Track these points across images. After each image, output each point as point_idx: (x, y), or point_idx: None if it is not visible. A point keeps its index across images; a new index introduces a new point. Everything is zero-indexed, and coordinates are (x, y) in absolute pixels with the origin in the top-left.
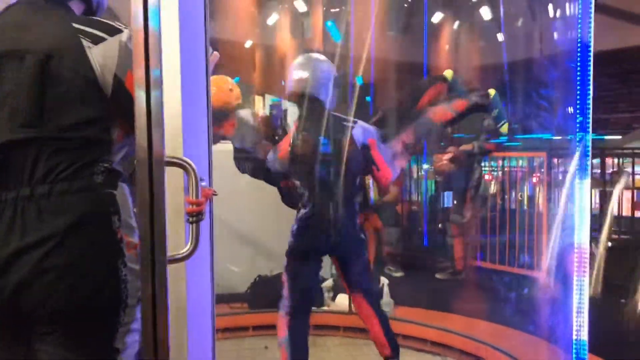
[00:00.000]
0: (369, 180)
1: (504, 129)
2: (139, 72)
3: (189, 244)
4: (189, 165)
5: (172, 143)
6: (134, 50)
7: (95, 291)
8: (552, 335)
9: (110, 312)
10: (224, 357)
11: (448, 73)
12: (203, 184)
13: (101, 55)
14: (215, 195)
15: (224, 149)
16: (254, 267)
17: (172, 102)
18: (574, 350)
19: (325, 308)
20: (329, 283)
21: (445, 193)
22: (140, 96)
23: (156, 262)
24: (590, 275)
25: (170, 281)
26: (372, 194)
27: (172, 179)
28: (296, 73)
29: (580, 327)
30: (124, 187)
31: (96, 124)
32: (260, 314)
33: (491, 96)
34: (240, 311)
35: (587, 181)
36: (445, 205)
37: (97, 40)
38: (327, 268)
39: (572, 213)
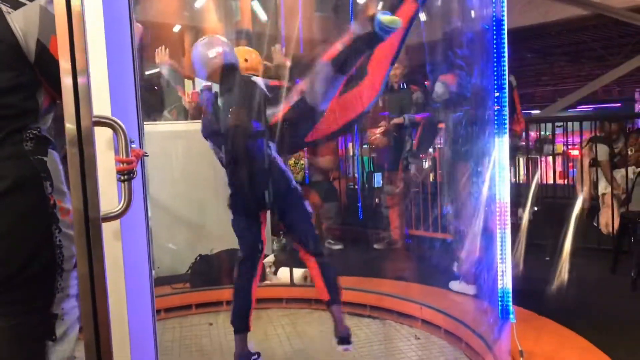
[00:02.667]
0: (304, 160)
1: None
2: (65, 50)
3: (122, 202)
4: (117, 124)
5: (101, 109)
6: (57, 27)
7: (30, 257)
8: (480, 291)
9: (46, 277)
10: (167, 336)
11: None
12: (133, 145)
13: (22, 21)
14: (146, 156)
15: (159, 130)
16: (193, 248)
17: (98, 66)
18: (499, 299)
19: (267, 282)
20: (270, 259)
21: (376, 174)
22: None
23: (90, 219)
24: (516, 239)
25: (105, 242)
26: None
27: (103, 143)
28: (212, 51)
29: (504, 273)
30: (54, 154)
31: (21, 90)
32: (203, 292)
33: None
34: (182, 290)
35: (506, 138)
36: (377, 185)
37: (16, 6)
38: (269, 244)
39: (493, 175)
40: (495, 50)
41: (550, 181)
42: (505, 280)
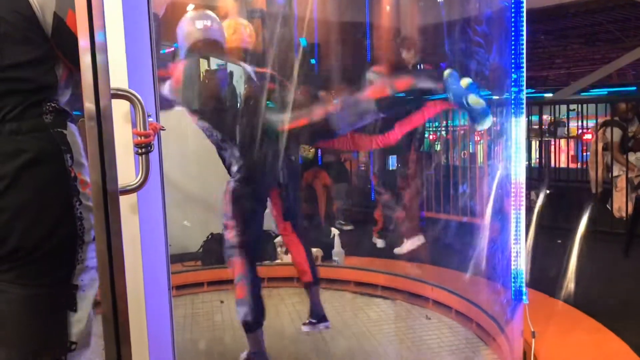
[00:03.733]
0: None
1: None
2: (83, 28)
3: (139, 175)
4: (135, 97)
5: (118, 83)
6: (76, 4)
7: (52, 229)
8: (493, 273)
9: (67, 248)
10: (180, 312)
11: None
12: (150, 119)
13: None
14: (163, 130)
15: (176, 108)
16: (205, 226)
17: (116, 41)
18: (512, 280)
19: (278, 261)
20: (281, 238)
21: (390, 156)
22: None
23: (108, 192)
24: (530, 220)
25: (122, 216)
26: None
27: (119, 116)
28: (199, 22)
29: (518, 255)
30: (73, 127)
31: (40, 64)
32: (215, 269)
33: (445, 77)
34: (194, 268)
35: (523, 118)
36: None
37: None
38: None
39: (509, 155)
40: (513, 30)
41: (564, 165)
42: (519, 262)
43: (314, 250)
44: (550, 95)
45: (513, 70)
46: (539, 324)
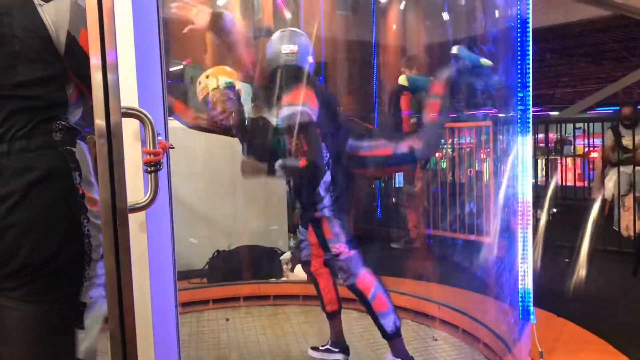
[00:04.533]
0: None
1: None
2: (95, 46)
3: (148, 193)
4: (145, 116)
5: (128, 102)
6: (88, 23)
7: (60, 246)
8: (500, 293)
9: (75, 266)
10: (185, 329)
11: (402, 79)
12: (159, 137)
13: (53, 13)
14: (172, 148)
15: (181, 126)
16: (211, 243)
17: (126, 60)
18: (519, 300)
19: (284, 279)
20: (287, 256)
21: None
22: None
23: (117, 210)
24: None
25: (131, 234)
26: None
27: (129, 135)
28: (285, 47)
29: (525, 274)
30: (82, 145)
31: (51, 82)
32: (220, 287)
33: (456, 53)
34: (199, 285)
35: (529, 137)
36: (398, 185)
37: None
38: (285, 241)
39: (516, 173)
40: (519, 50)
41: (570, 183)
42: (526, 281)
43: None
44: (556, 113)
45: (519, 88)
46: (547, 343)
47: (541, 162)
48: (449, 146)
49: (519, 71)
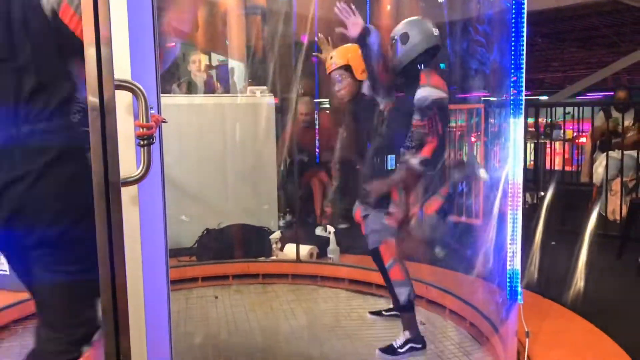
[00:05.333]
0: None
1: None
2: (89, 20)
3: (141, 166)
4: (138, 88)
5: (121, 75)
6: None
7: (76, 219)
8: (488, 273)
9: (91, 239)
10: (174, 307)
11: None
12: (152, 111)
13: None
14: (165, 122)
15: (176, 102)
16: (200, 221)
17: (119, 33)
18: (507, 280)
19: (274, 258)
20: (276, 235)
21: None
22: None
23: (110, 183)
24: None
25: (123, 207)
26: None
27: (122, 108)
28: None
29: (514, 255)
30: None
31: (56, 57)
32: (210, 265)
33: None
34: (189, 263)
35: (521, 119)
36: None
37: None
38: (275, 221)
39: (507, 156)
40: (514, 32)
41: (558, 167)
42: (515, 262)
43: (308, 247)
44: (545, 98)
45: (513, 71)
46: (533, 324)
47: (530, 146)
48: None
49: (512, 53)
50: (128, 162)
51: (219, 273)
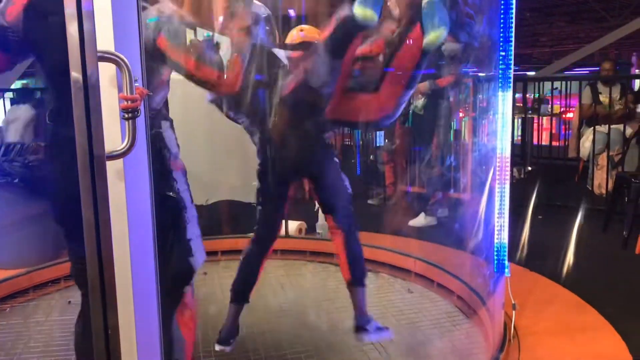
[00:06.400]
0: None
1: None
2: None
3: (126, 140)
4: (122, 60)
5: (104, 46)
6: None
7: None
8: (476, 249)
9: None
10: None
11: None
12: (137, 84)
13: None
14: (150, 95)
15: None
16: None
17: (102, 5)
18: (495, 253)
19: None
20: None
21: (376, 132)
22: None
23: (95, 157)
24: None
25: (109, 182)
26: None
27: (105, 80)
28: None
29: (502, 228)
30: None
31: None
32: None
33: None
34: None
35: (509, 93)
36: (377, 144)
37: None
38: None
39: (495, 130)
40: (503, 5)
41: (545, 142)
42: (502, 235)
43: (297, 223)
44: (533, 73)
45: (501, 44)
46: (519, 296)
47: (517, 121)
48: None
49: (501, 27)
50: (113, 136)
51: (207, 249)
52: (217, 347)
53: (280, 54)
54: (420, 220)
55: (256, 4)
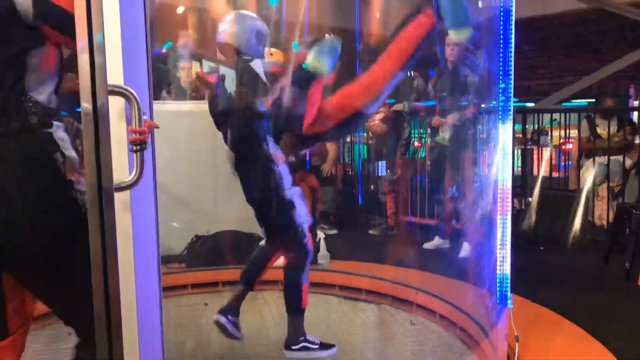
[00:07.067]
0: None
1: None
2: (82, 28)
3: (134, 172)
4: (131, 94)
5: (113, 79)
6: (75, 5)
7: (62, 224)
8: (478, 278)
9: (81, 236)
10: (163, 314)
11: None
12: (144, 117)
13: None
14: (157, 127)
15: (167, 109)
16: (190, 228)
17: (112, 39)
18: (497, 285)
19: None
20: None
21: (378, 162)
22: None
23: (103, 189)
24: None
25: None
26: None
27: (114, 113)
28: (221, 26)
29: (504, 260)
30: (59, 125)
31: (15, 58)
32: (199, 272)
33: None
34: (178, 270)
35: (509, 125)
36: (381, 174)
37: None
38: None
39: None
40: (502, 39)
41: (545, 173)
42: (504, 266)
43: None
44: (532, 104)
45: (501, 77)
46: (522, 328)
47: (517, 153)
48: (428, 135)
49: (501, 60)
50: (120, 168)
51: (208, 280)
52: (215, 316)
53: (259, 67)
54: (434, 242)
55: (260, 24)
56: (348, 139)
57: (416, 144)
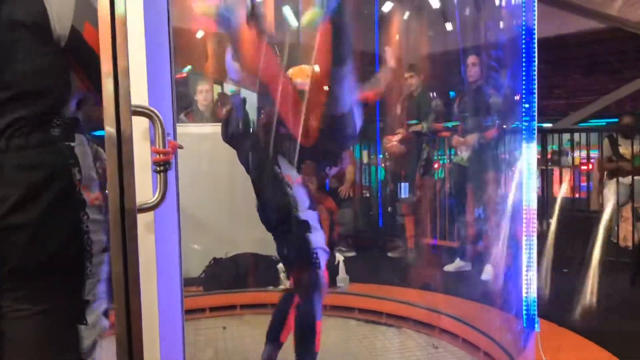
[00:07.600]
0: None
1: None
2: (107, 53)
3: (157, 193)
4: (155, 114)
5: (138, 100)
6: (100, 30)
7: (60, 246)
8: (504, 302)
9: (76, 264)
10: None
11: None
12: (168, 138)
13: (57, 3)
14: (181, 148)
15: (188, 132)
16: (207, 251)
17: (137, 62)
18: (524, 308)
19: (282, 287)
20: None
21: (397, 183)
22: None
23: (126, 210)
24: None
25: (138, 235)
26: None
27: (138, 134)
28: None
29: (530, 283)
30: (83, 139)
31: (49, 75)
32: (217, 295)
33: None
34: (196, 294)
35: (534, 145)
36: (400, 196)
37: None
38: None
39: (520, 181)
40: (525, 58)
41: (567, 194)
42: (531, 289)
43: None
44: (549, 125)
45: (524, 96)
46: (549, 353)
47: (537, 173)
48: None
49: (524, 79)
50: (143, 189)
51: (226, 303)
52: None
53: None
54: (455, 264)
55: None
56: (365, 160)
57: (435, 165)
